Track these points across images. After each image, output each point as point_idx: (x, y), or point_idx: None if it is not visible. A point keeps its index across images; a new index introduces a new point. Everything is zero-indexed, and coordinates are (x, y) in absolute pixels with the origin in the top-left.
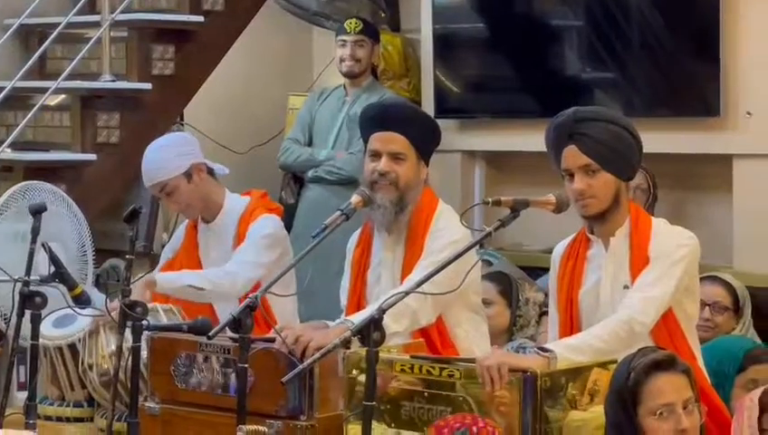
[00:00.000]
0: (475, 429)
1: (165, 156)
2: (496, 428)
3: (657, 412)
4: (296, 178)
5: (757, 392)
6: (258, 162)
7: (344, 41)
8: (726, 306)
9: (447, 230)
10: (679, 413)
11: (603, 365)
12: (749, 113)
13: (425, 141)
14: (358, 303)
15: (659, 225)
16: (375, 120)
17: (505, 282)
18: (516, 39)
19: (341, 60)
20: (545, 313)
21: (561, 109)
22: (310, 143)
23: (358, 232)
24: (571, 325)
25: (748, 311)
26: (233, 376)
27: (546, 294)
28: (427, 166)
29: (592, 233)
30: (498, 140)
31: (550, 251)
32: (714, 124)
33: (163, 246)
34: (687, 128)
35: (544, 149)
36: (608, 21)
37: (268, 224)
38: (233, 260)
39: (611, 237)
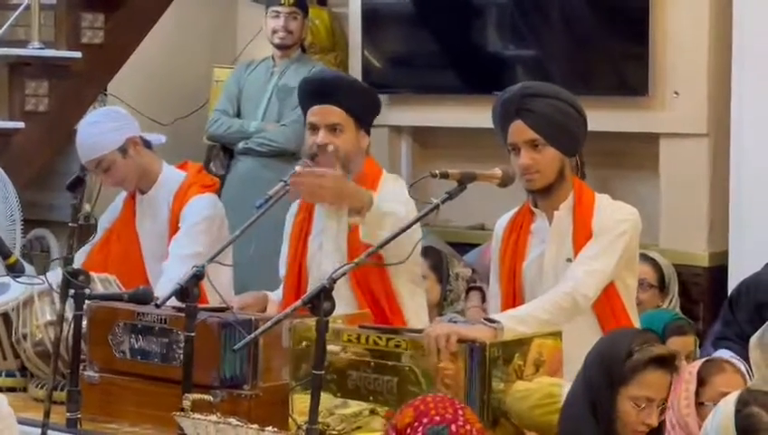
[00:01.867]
0: (453, 427)
1: (98, 131)
2: (474, 425)
3: (638, 402)
4: (225, 150)
5: (696, 365)
6: (181, 134)
7: (277, 12)
8: (651, 283)
9: (395, 194)
10: (653, 409)
11: (547, 336)
12: (676, 93)
13: (363, 111)
14: (298, 271)
15: (602, 200)
16: (311, 93)
17: (436, 257)
18: (442, 15)
19: (273, 31)
20: (472, 288)
21: (484, 85)
22: (238, 115)
23: (298, 201)
24: (513, 297)
25: (674, 288)
26: (170, 346)
27: (473, 270)
28: (368, 135)
29: (536, 207)
30: (423, 116)
31: (477, 228)
32: (641, 103)
33: (86, 217)
34: (615, 106)
35: (468, 125)
36: None
37: (201, 206)
38: (171, 254)
39: (555, 211)
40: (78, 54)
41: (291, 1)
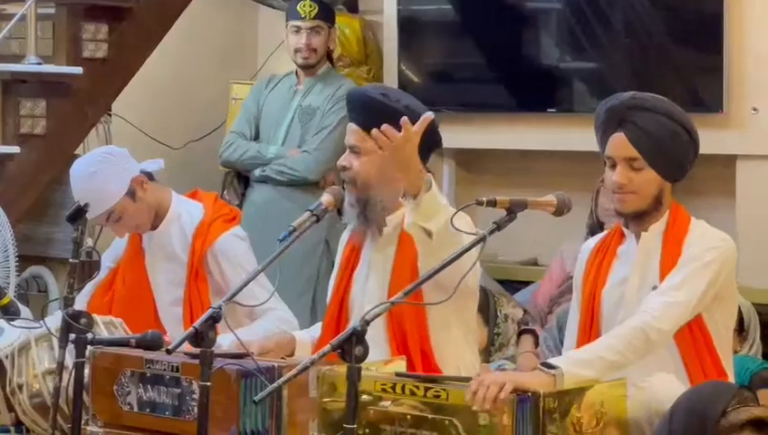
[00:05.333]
0: None
1: (100, 182)
2: None
3: None
4: (240, 177)
5: None
6: (195, 159)
7: (298, 27)
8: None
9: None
10: None
11: (610, 384)
12: (755, 109)
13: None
14: (341, 303)
15: (698, 225)
16: (350, 108)
17: (482, 296)
18: (489, 23)
19: (296, 50)
20: (525, 331)
21: (537, 103)
22: (256, 137)
23: (349, 229)
24: (591, 324)
25: (756, 332)
26: (183, 397)
27: (525, 311)
28: (426, 162)
29: (627, 227)
30: (468, 137)
31: (529, 263)
32: (715, 122)
33: (87, 253)
34: None
35: (518, 147)
36: (589, 4)
37: (231, 249)
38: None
39: (644, 232)
40: (79, 70)
41: (312, 13)
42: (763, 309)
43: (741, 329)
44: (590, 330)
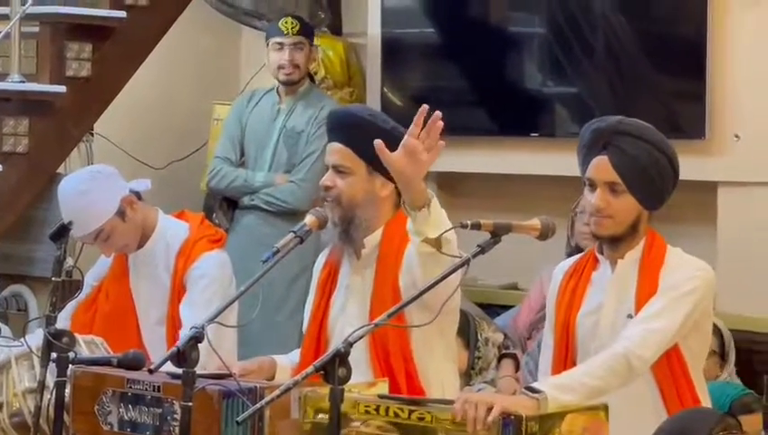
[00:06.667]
0: None
1: (90, 201)
2: None
3: None
4: (228, 201)
5: None
6: (177, 179)
7: (281, 44)
8: (716, 352)
9: None
10: None
11: (591, 409)
12: (737, 136)
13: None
14: (319, 327)
15: (674, 253)
16: (328, 128)
17: (462, 320)
18: (472, 47)
19: (279, 67)
20: (505, 355)
21: (520, 127)
22: (242, 156)
23: (326, 252)
24: (566, 351)
25: (733, 357)
26: (164, 418)
27: (506, 335)
28: (392, 182)
29: (602, 253)
30: (451, 160)
31: (509, 287)
32: (697, 148)
33: (68, 272)
34: None
35: (501, 171)
36: (572, 29)
37: (208, 268)
38: (185, 325)
39: (620, 259)
40: (62, 89)
41: (295, 30)
42: (743, 335)
43: (722, 353)
44: (565, 356)
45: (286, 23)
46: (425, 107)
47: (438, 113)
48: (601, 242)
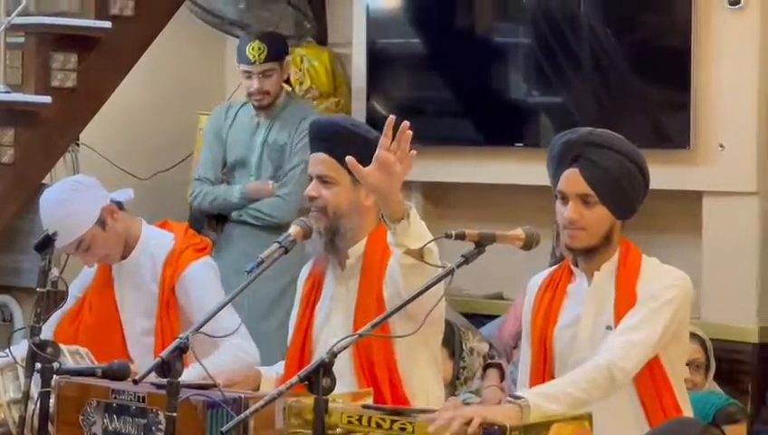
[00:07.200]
0: None
1: (70, 211)
2: None
3: None
4: (217, 216)
5: None
6: (163, 190)
7: (249, 73)
8: (704, 363)
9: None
10: None
11: (575, 419)
12: (722, 146)
13: (360, 162)
14: (303, 339)
15: (650, 263)
16: (311, 138)
17: (447, 330)
18: (457, 57)
19: (249, 94)
20: (490, 365)
21: (505, 137)
22: (224, 167)
23: (310, 263)
24: (544, 365)
25: (713, 365)
26: (149, 428)
27: (491, 345)
28: None
29: (576, 265)
30: (436, 171)
31: (494, 297)
32: (682, 158)
33: (53, 283)
34: (652, 161)
35: (486, 180)
36: (557, 39)
37: (199, 274)
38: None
39: (596, 271)
40: (47, 99)
41: (262, 57)
42: (728, 345)
43: (707, 365)
44: (543, 369)
45: (252, 50)
46: (391, 117)
47: (406, 123)
48: (576, 254)
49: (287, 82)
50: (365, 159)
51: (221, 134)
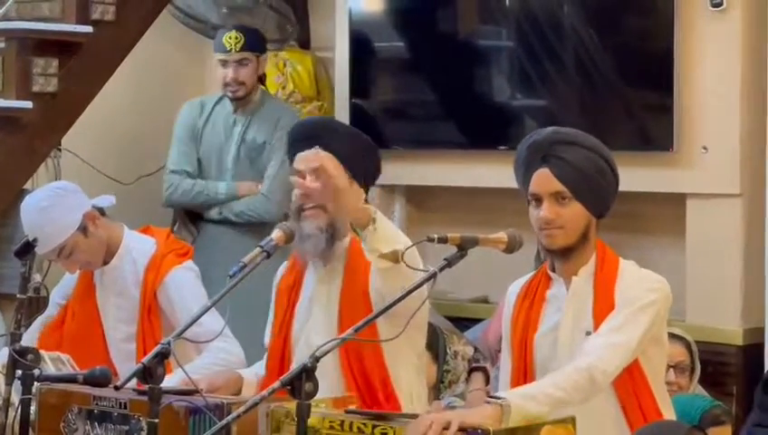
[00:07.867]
0: None
1: (52, 217)
2: None
3: None
4: (191, 215)
5: None
6: (146, 195)
7: (224, 61)
8: (689, 365)
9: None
10: None
11: (559, 422)
12: (705, 148)
13: (356, 159)
14: (283, 346)
15: (627, 267)
16: (297, 139)
17: (431, 333)
18: (441, 60)
19: (224, 84)
20: (475, 368)
21: (489, 140)
22: (198, 166)
23: (286, 262)
24: (525, 372)
25: (698, 367)
26: (131, 434)
27: (476, 349)
28: (367, 191)
29: (554, 271)
30: (419, 174)
31: (479, 300)
32: (665, 160)
33: (35, 289)
34: (636, 163)
35: (469, 184)
36: (541, 42)
37: (182, 279)
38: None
39: (574, 277)
40: (28, 104)
41: (238, 45)
42: (712, 347)
43: (692, 367)
44: (524, 376)
45: (230, 38)
46: None
47: None
48: (554, 256)
49: (261, 82)
50: (357, 151)
51: (194, 128)
